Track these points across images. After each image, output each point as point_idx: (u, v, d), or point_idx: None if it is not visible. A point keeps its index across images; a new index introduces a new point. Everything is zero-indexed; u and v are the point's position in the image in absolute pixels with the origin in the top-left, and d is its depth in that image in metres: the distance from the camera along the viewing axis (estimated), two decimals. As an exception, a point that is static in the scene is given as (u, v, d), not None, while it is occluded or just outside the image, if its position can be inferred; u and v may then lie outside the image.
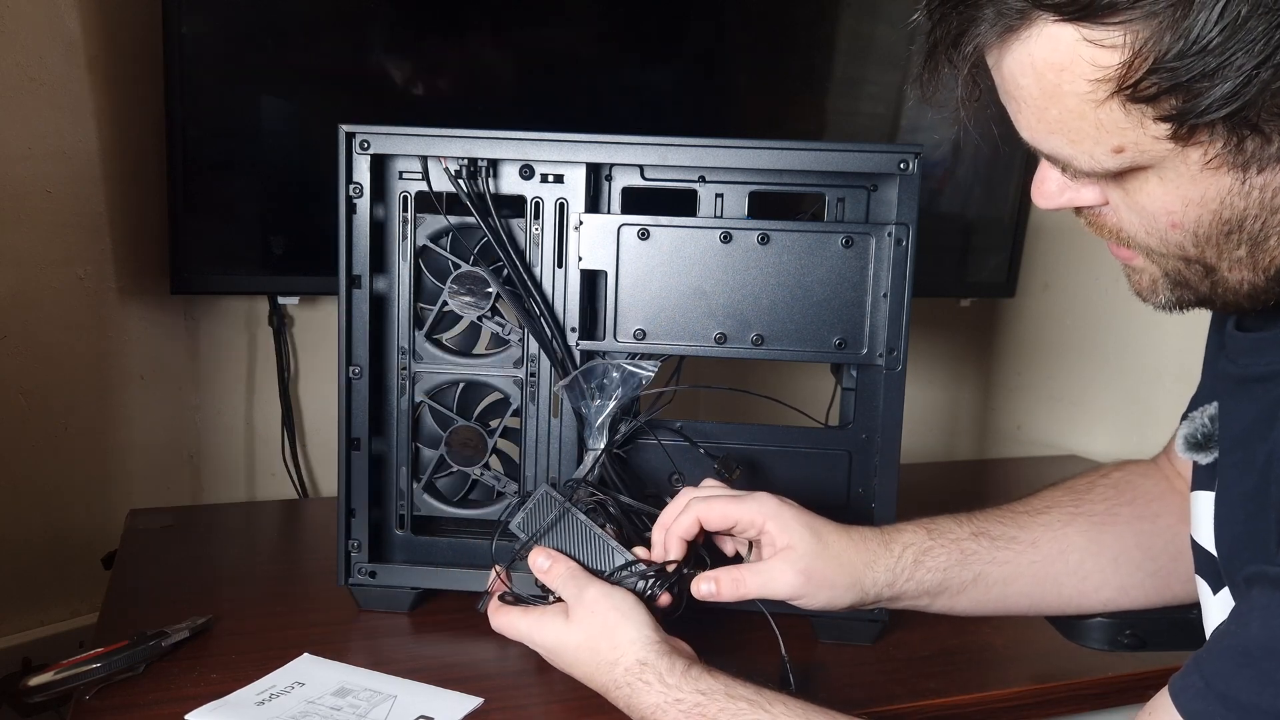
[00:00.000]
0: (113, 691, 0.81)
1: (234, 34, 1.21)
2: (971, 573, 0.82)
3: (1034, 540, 0.83)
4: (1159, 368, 1.64)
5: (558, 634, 0.77)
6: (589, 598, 0.76)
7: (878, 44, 1.52)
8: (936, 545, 0.82)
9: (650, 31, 1.39)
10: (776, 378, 1.51)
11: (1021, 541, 0.83)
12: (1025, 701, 0.90)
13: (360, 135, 0.92)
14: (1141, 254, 0.61)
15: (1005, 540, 0.83)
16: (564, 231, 0.93)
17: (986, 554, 0.83)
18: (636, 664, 0.72)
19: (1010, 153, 1.64)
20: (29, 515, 1.24)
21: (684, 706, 0.69)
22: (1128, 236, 0.60)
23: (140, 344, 1.30)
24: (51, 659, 0.82)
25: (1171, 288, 0.61)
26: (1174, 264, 0.59)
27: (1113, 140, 0.53)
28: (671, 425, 0.96)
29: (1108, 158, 0.54)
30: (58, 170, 1.20)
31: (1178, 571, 0.82)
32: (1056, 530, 0.84)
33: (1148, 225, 0.58)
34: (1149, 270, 0.61)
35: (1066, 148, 0.55)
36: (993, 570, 0.83)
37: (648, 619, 0.75)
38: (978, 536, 0.83)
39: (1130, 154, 0.53)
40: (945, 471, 1.68)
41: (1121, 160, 0.54)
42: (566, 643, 0.76)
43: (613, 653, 0.73)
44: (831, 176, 0.93)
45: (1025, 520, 0.85)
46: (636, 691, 0.71)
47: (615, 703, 0.74)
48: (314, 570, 1.07)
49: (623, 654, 0.73)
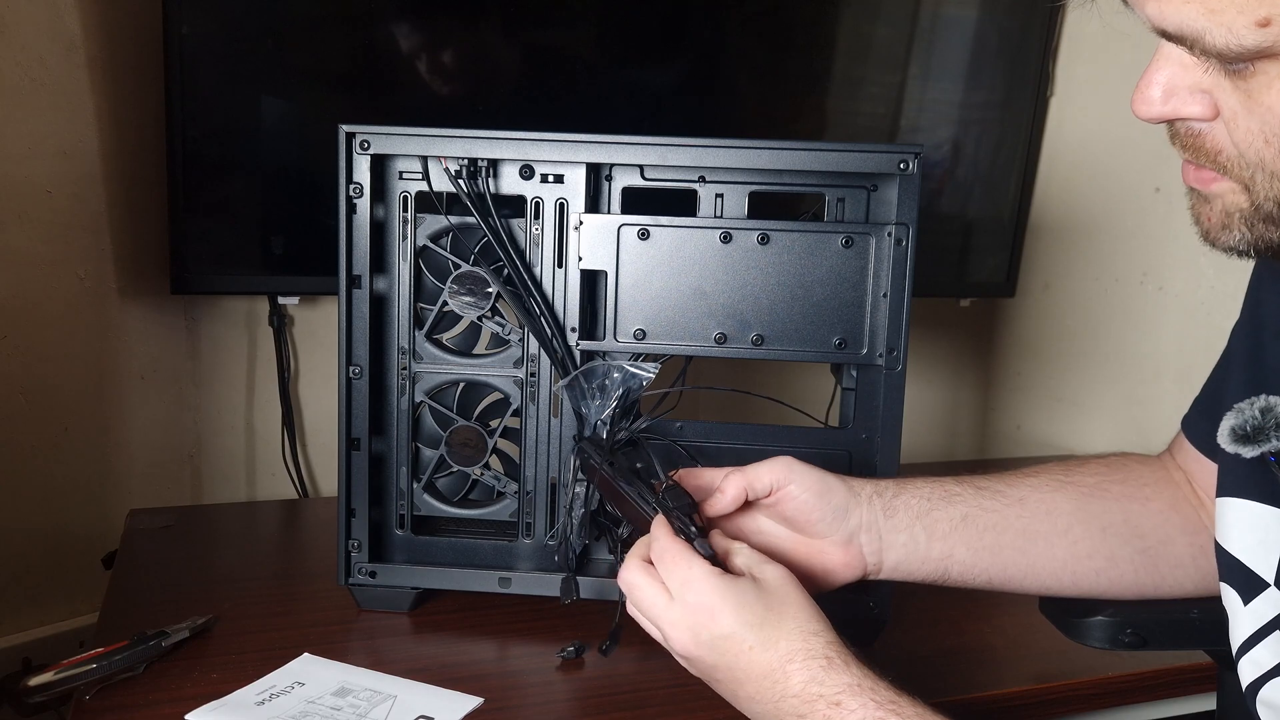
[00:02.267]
0: (113, 691, 0.81)
1: (234, 34, 1.21)
2: (959, 511, 0.79)
3: (1021, 497, 0.81)
4: (1159, 368, 1.64)
5: (749, 605, 0.65)
6: (775, 573, 0.68)
7: (878, 44, 1.53)
8: (916, 480, 0.81)
9: (650, 31, 1.39)
10: (777, 378, 1.52)
11: (1008, 496, 0.81)
12: (1025, 701, 0.90)
13: (360, 135, 0.92)
14: (1235, 180, 0.54)
15: (991, 492, 0.81)
16: (564, 231, 0.93)
17: (971, 498, 0.80)
18: (830, 643, 0.65)
19: (1010, 152, 1.64)
20: (29, 515, 1.24)
21: (878, 697, 0.62)
22: (1229, 159, 0.53)
23: (140, 344, 1.30)
24: (51, 659, 0.82)
25: (1253, 223, 0.54)
26: (1276, 188, 0.52)
27: (1260, 10, 0.46)
28: (672, 427, 0.96)
29: (1249, 32, 0.47)
30: (58, 170, 1.20)
31: (1166, 556, 0.80)
32: (1045, 493, 0.81)
33: (1268, 132, 0.50)
34: (1229, 200, 0.54)
35: (1201, 18, 0.48)
36: (980, 516, 0.79)
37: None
38: (960, 482, 0.81)
39: (1276, 29, 0.46)
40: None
41: (1264, 37, 0.47)
42: (759, 615, 0.65)
43: (812, 622, 0.65)
44: (831, 176, 0.93)
45: (1011, 479, 0.82)
46: (833, 667, 0.63)
47: (788, 681, 0.63)
48: (314, 570, 1.07)
49: (822, 625, 0.65)
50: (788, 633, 0.64)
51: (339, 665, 0.86)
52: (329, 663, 0.87)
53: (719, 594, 0.65)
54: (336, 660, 0.87)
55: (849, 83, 1.52)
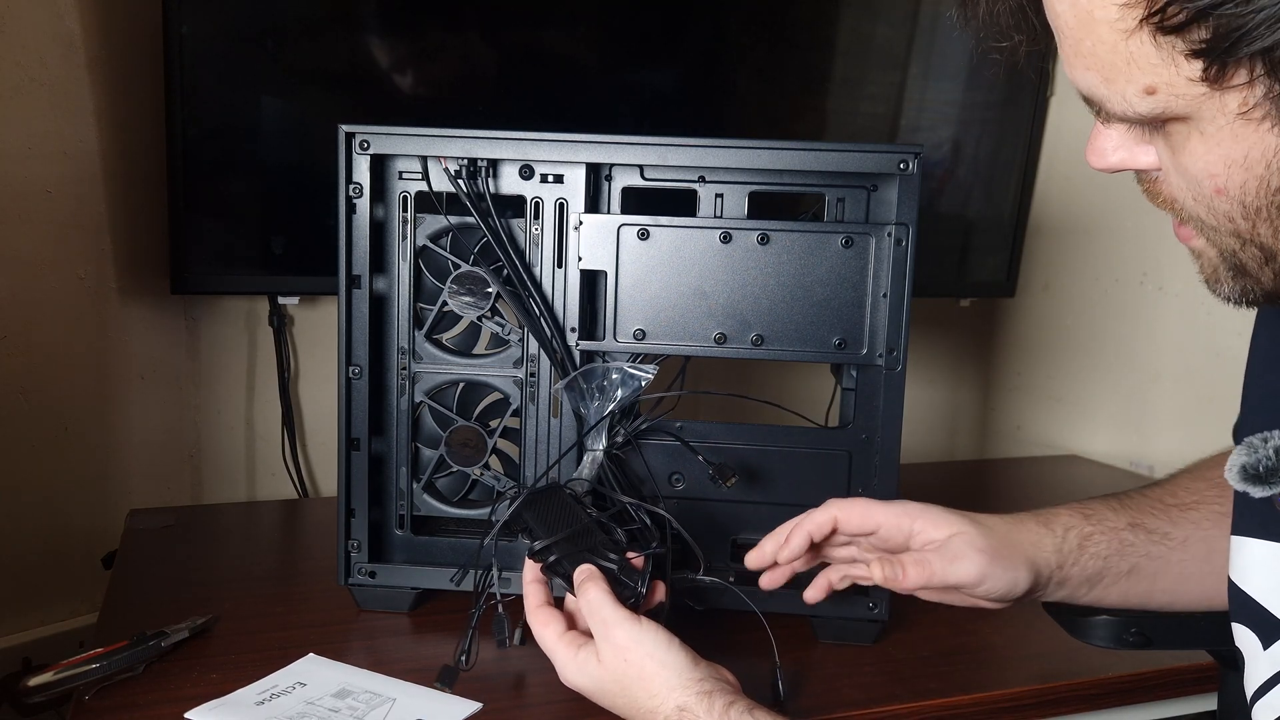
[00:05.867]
0: (112, 691, 0.81)
1: (234, 34, 1.21)
2: (1128, 564, 0.78)
3: (1184, 538, 0.79)
4: (1159, 368, 1.64)
5: (593, 678, 0.73)
6: (619, 642, 0.72)
7: (878, 44, 1.53)
8: (1096, 531, 0.79)
9: (650, 32, 1.39)
10: (777, 378, 1.52)
11: (1174, 539, 0.79)
12: (1025, 701, 0.90)
13: (360, 135, 0.92)
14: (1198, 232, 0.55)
15: (1159, 535, 0.79)
16: (564, 231, 0.93)
17: (1142, 547, 0.79)
18: (675, 710, 0.69)
19: (1010, 152, 1.64)
20: (29, 515, 1.24)
21: None
22: (1180, 208, 0.54)
23: (140, 344, 1.30)
24: (51, 659, 0.82)
25: (1233, 276, 0.55)
26: (1228, 242, 0.53)
27: (1144, 78, 0.48)
28: (672, 426, 0.96)
29: (1140, 99, 0.49)
30: (58, 170, 1.20)
31: None
32: (1205, 530, 0.80)
33: (1194, 191, 0.52)
34: (1208, 254, 0.55)
35: (1100, 86, 0.50)
36: (1146, 565, 0.79)
37: (684, 658, 0.71)
38: (1134, 528, 0.80)
39: (1163, 97, 0.48)
40: (945, 471, 1.68)
41: (1154, 104, 0.49)
42: (604, 689, 0.73)
43: (650, 700, 0.70)
44: (831, 176, 0.93)
45: (1176, 515, 0.81)
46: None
47: None
48: (314, 570, 1.07)
49: (661, 701, 0.70)
50: (637, 712, 0.71)
51: (342, 666, 0.86)
52: (333, 664, 0.87)
53: (576, 681, 0.74)
54: (336, 661, 0.87)
55: (849, 83, 1.52)
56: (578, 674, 0.74)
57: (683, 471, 0.96)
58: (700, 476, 0.94)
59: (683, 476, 0.96)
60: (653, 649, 0.71)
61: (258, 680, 0.83)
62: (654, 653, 0.71)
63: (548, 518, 0.81)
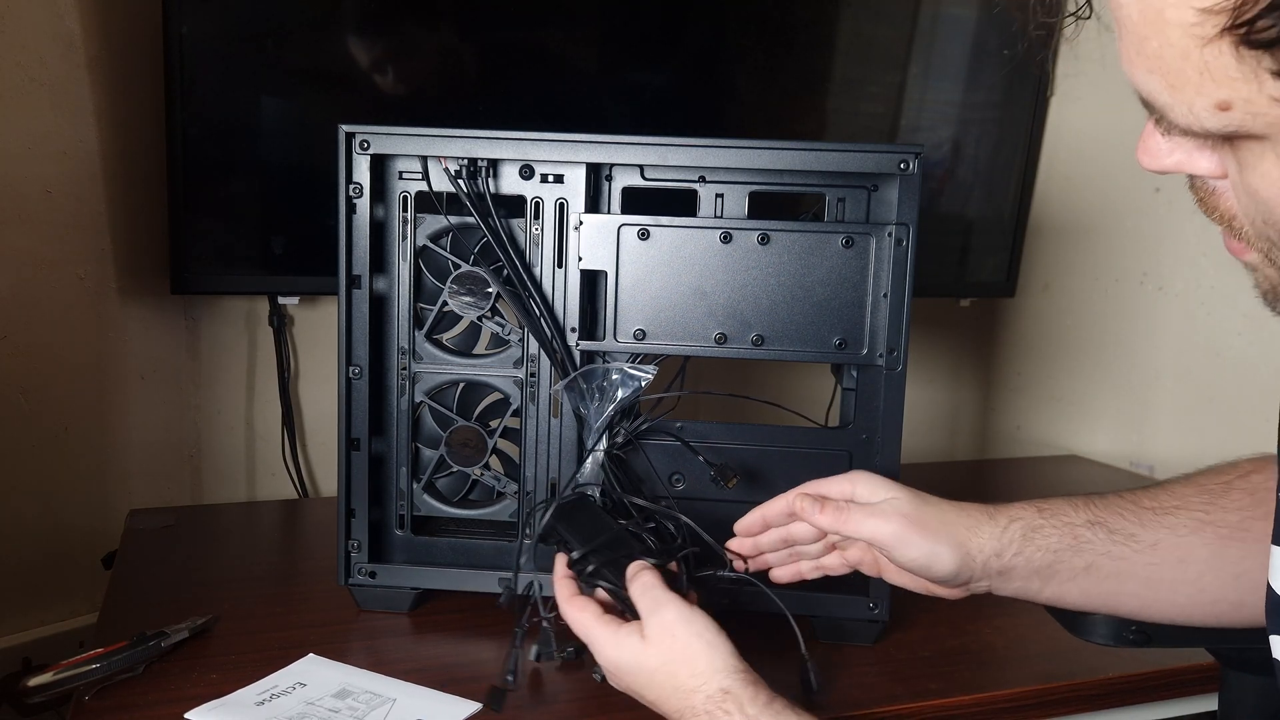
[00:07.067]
0: (112, 692, 0.81)
1: (234, 34, 1.21)
2: (1084, 561, 0.77)
3: (1154, 542, 0.77)
4: (1159, 368, 1.64)
5: (634, 655, 0.72)
6: (667, 619, 0.71)
7: (878, 44, 1.53)
8: (1048, 525, 0.78)
9: (650, 32, 1.39)
10: (777, 378, 1.51)
11: (1140, 541, 0.77)
12: (1025, 702, 0.90)
13: (360, 135, 0.92)
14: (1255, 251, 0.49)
15: (1124, 536, 0.78)
16: (564, 231, 0.93)
17: (1101, 545, 0.77)
18: (719, 692, 0.68)
19: (1010, 152, 1.64)
20: (29, 515, 1.24)
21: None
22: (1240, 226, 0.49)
23: (140, 344, 1.30)
24: (51, 659, 0.82)
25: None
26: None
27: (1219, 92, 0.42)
28: (672, 426, 0.96)
29: (1210, 115, 0.43)
30: (58, 170, 1.20)
31: None
32: (1181, 536, 0.77)
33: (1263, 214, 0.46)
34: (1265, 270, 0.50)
35: (1164, 94, 0.44)
36: (1105, 563, 0.77)
37: (730, 646, 0.71)
38: (1094, 525, 0.78)
39: (1238, 114, 0.42)
40: (945, 471, 1.68)
41: (1226, 121, 0.43)
42: (643, 665, 0.71)
43: (693, 680, 0.69)
44: (831, 176, 0.93)
45: (1149, 519, 0.78)
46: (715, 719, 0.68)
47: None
48: (314, 570, 1.07)
49: (704, 681, 0.69)
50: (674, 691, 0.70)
51: (343, 667, 0.86)
52: (333, 664, 0.87)
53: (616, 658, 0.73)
54: (337, 661, 0.87)
55: (849, 83, 1.52)
56: (616, 650, 0.72)
57: (683, 471, 0.96)
58: (700, 476, 0.94)
59: (683, 476, 0.96)
60: (703, 629, 0.71)
61: (258, 680, 0.83)
62: (703, 634, 0.71)
63: (580, 528, 0.82)
